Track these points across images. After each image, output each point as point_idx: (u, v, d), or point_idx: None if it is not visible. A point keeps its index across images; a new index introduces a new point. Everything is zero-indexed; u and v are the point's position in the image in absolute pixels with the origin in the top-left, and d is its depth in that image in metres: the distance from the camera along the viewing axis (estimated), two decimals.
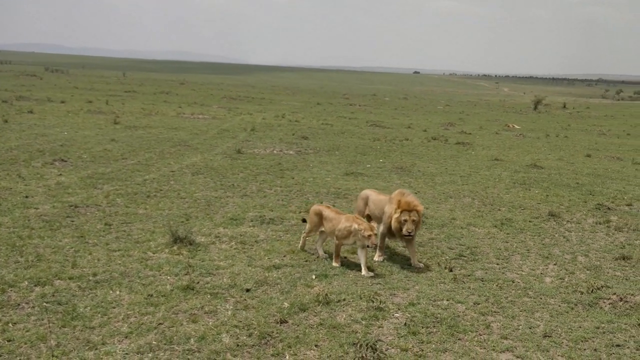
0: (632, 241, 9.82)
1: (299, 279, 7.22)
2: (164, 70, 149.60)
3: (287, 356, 5.31)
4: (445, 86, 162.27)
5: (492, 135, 28.35)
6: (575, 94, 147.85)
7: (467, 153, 20.54)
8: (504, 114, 49.02)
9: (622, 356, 5.62)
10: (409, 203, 7.99)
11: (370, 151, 19.43)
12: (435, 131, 27.98)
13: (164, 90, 51.06)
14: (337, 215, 8.05)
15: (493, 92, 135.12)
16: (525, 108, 61.04)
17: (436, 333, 5.94)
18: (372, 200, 8.89)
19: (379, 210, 8.58)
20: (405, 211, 7.91)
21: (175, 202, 10.83)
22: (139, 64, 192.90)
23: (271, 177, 13.83)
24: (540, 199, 13.00)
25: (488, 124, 36.44)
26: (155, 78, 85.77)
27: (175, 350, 5.30)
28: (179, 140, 19.19)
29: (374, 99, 62.84)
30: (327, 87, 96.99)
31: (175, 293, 6.57)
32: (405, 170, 15.76)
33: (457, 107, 56.75)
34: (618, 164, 19.89)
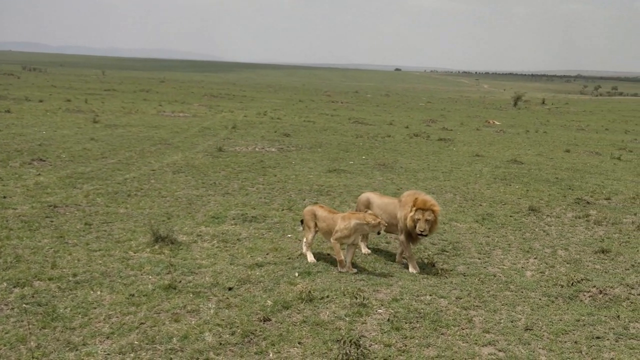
0: (611, 235, 9.95)
1: (282, 277, 7.20)
2: (144, 68, 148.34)
3: (270, 354, 5.29)
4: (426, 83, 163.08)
5: (473, 132, 28.55)
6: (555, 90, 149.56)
7: (449, 149, 20.67)
8: (484, 111, 49.41)
9: (602, 348, 5.69)
10: (425, 202, 7.75)
11: (352, 148, 19.45)
12: (417, 128, 28.11)
13: (144, 88, 50.63)
14: (331, 215, 7.82)
15: (473, 88, 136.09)
16: (505, 104, 61.58)
17: (419, 328, 5.97)
18: (377, 204, 8.49)
19: (387, 214, 8.19)
20: (420, 210, 7.67)
21: (156, 201, 10.75)
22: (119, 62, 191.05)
23: (253, 174, 13.79)
24: (520, 194, 13.12)
25: (469, 120, 36.70)
26: (135, 76, 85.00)
27: (158, 350, 5.25)
28: (160, 138, 19.04)
29: (356, 96, 62.95)
30: (309, 85, 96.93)
31: (157, 292, 6.51)
32: (388, 167, 15.80)
33: (439, 104, 57.07)
34: (597, 158, 20.15)
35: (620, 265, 8.29)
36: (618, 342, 5.84)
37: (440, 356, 5.38)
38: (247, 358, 5.20)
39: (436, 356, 5.38)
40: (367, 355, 5.24)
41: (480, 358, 5.39)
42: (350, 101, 51.66)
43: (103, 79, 70.03)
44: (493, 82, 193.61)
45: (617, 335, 5.99)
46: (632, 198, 12.87)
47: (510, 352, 5.52)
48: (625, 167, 18.36)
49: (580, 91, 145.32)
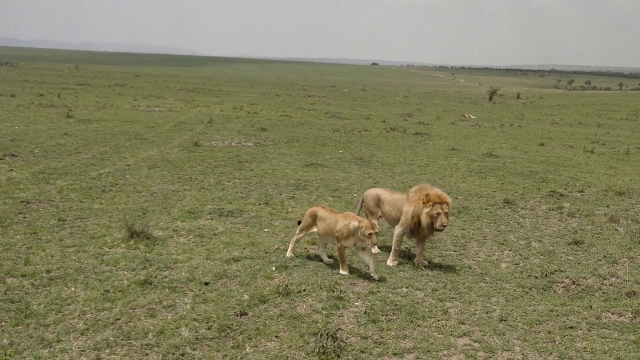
0: (584, 226, 10.12)
1: (259, 271, 7.18)
2: (118, 62, 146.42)
3: (247, 348, 5.28)
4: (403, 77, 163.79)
5: (449, 126, 28.76)
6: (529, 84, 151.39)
7: (425, 143, 20.79)
8: (460, 105, 49.82)
9: (575, 337, 5.79)
10: (440, 195, 7.65)
11: (329, 142, 19.46)
12: (394, 122, 28.21)
13: (119, 82, 49.96)
14: (332, 215, 7.55)
15: (449, 83, 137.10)
16: (480, 98, 62.16)
17: (396, 320, 6.00)
18: (387, 200, 8.31)
19: (397, 210, 8.06)
20: (437, 204, 7.56)
21: (131, 196, 10.63)
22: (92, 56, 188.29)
23: (229, 169, 13.71)
24: (495, 187, 13.26)
25: (445, 114, 36.97)
26: (109, 70, 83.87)
27: (133, 346, 5.20)
28: (135, 133, 18.82)
29: (333, 91, 62.95)
30: (285, 79, 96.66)
31: (133, 288, 6.45)
32: (365, 161, 15.85)
33: (415, 98, 57.38)
34: (570, 152, 20.46)
35: (593, 257, 8.44)
36: (590, 332, 5.94)
37: (417, 347, 5.42)
38: (223, 352, 5.18)
39: (412, 348, 5.42)
40: (344, 348, 5.26)
41: (456, 349, 5.45)
42: (327, 95, 51.65)
43: (76, 73, 68.91)
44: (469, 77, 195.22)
45: (590, 325, 6.10)
46: (605, 190, 13.10)
47: (485, 343, 5.58)
48: (598, 160, 18.67)
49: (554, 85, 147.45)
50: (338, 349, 5.16)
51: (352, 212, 7.71)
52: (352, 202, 11.00)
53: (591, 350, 5.50)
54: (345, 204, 10.88)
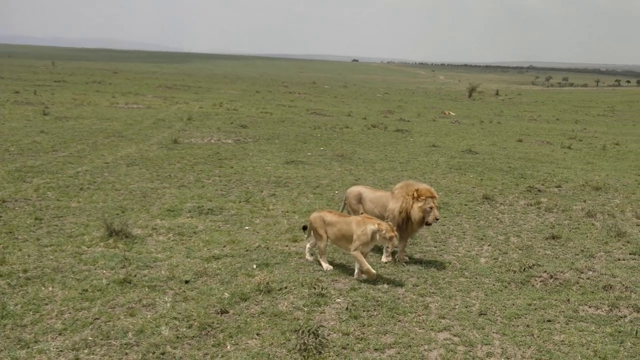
0: (561, 221, 10.25)
1: (240, 269, 7.15)
2: (95, 58, 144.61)
3: (228, 346, 5.26)
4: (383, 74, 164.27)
5: (429, 122, 28.94)
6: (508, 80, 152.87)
7: (406, 140, 20.89)
8: (440, 102, 50.14)
9: (552, 331, 5.86)
10: (430, 190, 7.75)
11: (310, 139, 19.45)
12: (375, 119, 28.30)
13: (96, 79, 49.39)
14: (342, 219, 7.33)
15: (430, 80, 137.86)
16: (460, 95, 62.62)
17: (377, 316, 6.03)
18: (369, 198, 8.30)
19: (380, 207, 8.07)
20: (429, 198, 7.66)
21: (109, 195, 10.51)
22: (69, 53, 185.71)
23: (209, 166, 13.63)
24: (475, 183, 13.37)
25: (425, 111, 37.17)
26: (86, 67, 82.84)
27: (113, 345, 5.15)
28: (113, 130, 18.62)
29: (314, 87, 62.92)
30: (266, 75, 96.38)
31: (112, 287, 6.39)
32: (346, 158, 15.87)
33: (396, 95, 57.60)
34: (548, 148, 20.71)
35: (570, 251, 8.55)
36: (568, 325, 6.02)
37: (397, 342, 5.45)
38: (204, 351, 5.15)
39: (393, 343, 5.44)
40: (326, 344, 5.26)
41: (437, 343, 5.49)
42: (307, 92, 51.61)
43: (53, 69, 67.98)
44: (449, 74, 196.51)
45: (567, 318, 6.18)
46: (582, 185, 13.28)
47: (465, 337, 5.63)
48: (575, 155, 18.93)
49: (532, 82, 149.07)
50: (319, 346, 5.17)
51: (366, 215, 7.48)
52: (334, 199, 11.01)
53: (569, 343, 5.58)
54: (326, 201, 10.89)
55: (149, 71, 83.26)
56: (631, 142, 23.71)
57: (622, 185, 13.62)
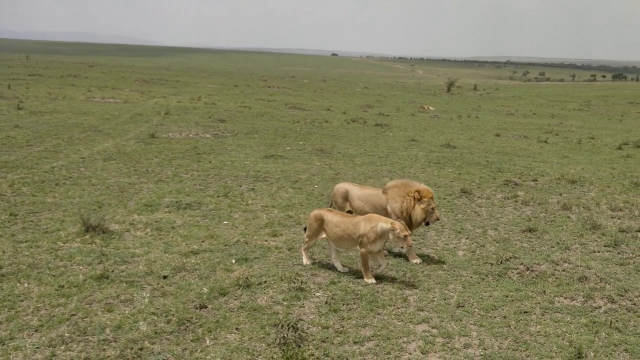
0: (537, 214, 10.38)
1: (218, 264, 7.12)
2: (71, 52, 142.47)
3: (207, 341, 5.24)
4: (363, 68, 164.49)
5: (409, 117, 29.06)
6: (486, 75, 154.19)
7: (385, 134, 20.95)
8: (419, 96, 50.38)
9: (529, 322, 5.94)
10: (429, 190, 7.72)
11: (290, 133, 19.41)
12: (354, 113, 28.33)
13: (72, 73, 48.66)
14: (347, 219, 7.07)
15: (409, 74, 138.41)
16: (439, 90, 62.99)
17: (356, 309, 6.05)
18: (357, 195, 8.11)
19: (370, 206, 7.90)
20: (430, 199, 7.65)
21: (86, 190, 10.38)
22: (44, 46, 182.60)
23: (187, 161, 13.54)
24: (453, 177, 13.47)
25: (404, 105, 37.32)
26: (61, 61, 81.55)
27: (90, 341, 5.10)
28: (89, 125, 18.37)
29: (293, 81, 62.78)
30: (244, 69, 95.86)
31: (89, 283, 6.32)
32: (326, 152, 15.87)
33: (375, 90, 57.73)
34: (525, 142, 20.95)
35: (546, 243, 8.67)
36: (544, 316, 6.11)
37: (377, 335, 5.48)
38: (183, 346, 5.13)
39: (372, 335, 5.47)
40: (305, 338, 5.27)
41: (415, 335, 5.53)
42: (286, 86, 51.48)
43: (27, 63, 66.77)
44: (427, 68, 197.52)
45: (543, 310, 6.27)
46: (558, 179, 13.46)
47: (443, 329, 5.68)
48: (551, 149, 19.18)
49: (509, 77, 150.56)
50: (299, 339, 5.17)
51: (376, 214, 7.21)
52: (313, 194, 11.01)
53: (545, 334, 5.66)
54: (306, 195, 10.89)
55: (125, 65, 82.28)
56: (606, 136, 24.10)
57: (597, 179, 13.84)
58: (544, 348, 5.38)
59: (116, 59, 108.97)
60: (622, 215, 10.43)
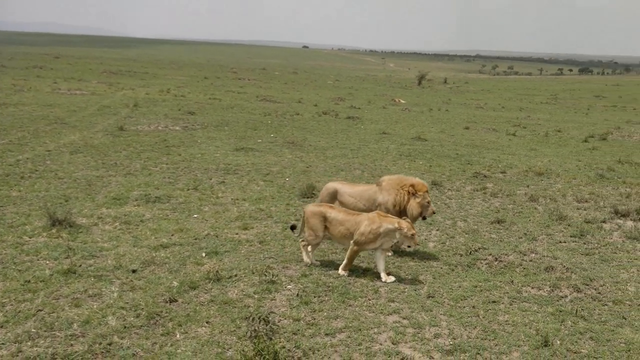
0: (505, 206, 10.54)
1: (189, 258, 7.06)
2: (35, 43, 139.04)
3: (177, 334, 5.19)
4: (334, 61, 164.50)
5: (380, 110, 29.17)
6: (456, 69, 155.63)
7: (357, 127, 21.00)
8: (390, 89, 50.60)
9: (497, 311, 6.04)
10: (424, 184, 7.67)
11: (261, 126, 19.31)
12: (326, 106, 28.32)
13: (37, 64, 47.48)
14: (351, 217, 6.91)
15: (380, 67, 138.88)
16: (410, 83, 63.34)
17: (328, 301, 6.07)
18: (348, 192, 7.95)
19: (365, 201, 7.78)
20: (425, 193, 7.62)
21: (52, 183, 10.18)
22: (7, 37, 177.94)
23: (156, 154, 13.36)
24: (424, 169, 13.59)
25: (376, 98, 37.45)
26: (26, 52, 79.50)
27: (57, 337, 5.01)
28: (55, 117, 17.99)
29: (264, 73, 62.41)
30: (214, 61, 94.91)
31: (56, 278, 6.20)
32: (297, 145, 15.84)
33: (346, 82, 57.78)
34: (493, 135, 21.23)
35: (514, 234, 8.81)
36: (512, 305, 6.22)
37: (348, 327, 5.50)
38: (153, 340, 5.07)
39: (344, 327, 5.50)
40: (276, 331, 5.26)
41: (386, 326, 5.57)
42: (257, 78, 51.17)
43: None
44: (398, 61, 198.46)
45: (511, 299, 6.38)
46: (525, 171, 13.68)
47: (414, 319, 5.74)
48: (519, 142, 19.48)
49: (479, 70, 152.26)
50: (270, 332, 5.16)
51: (380, 212, 7.06)
52: (285, 187, 10.99)
53: (513, 323, 5.76)
54: (277, 188, 10.85)
55: (92, 56, 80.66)
56: (572, 129, 24.57)
57: (563, 171, 14.11)
58: (512, 337, 5.48)
59: (83, 50, 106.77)
60: (587, 207, 10.66)
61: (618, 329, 5.73)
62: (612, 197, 11.45)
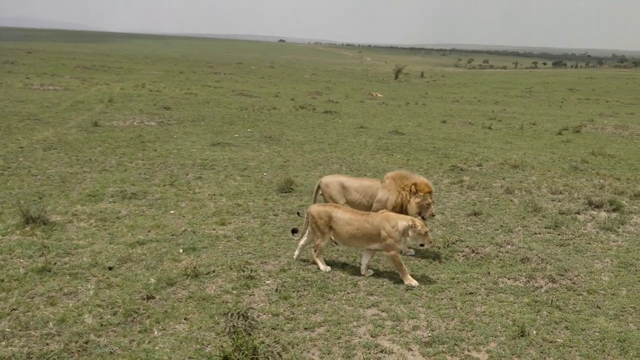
0: (482, 198, 10.64)
1: (166, 254, 7.00)
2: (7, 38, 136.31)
3: (155, 331, 5.15)
4: (311, 55, 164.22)
5: (357, 104, 29.21)
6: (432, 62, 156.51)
7: (334, 121, 21.00)
8: (367, 83, 50.70)
9: (474, 302, 6.11)
10: (428, 184, 7.49)
11: (237, 121, 19.20)
12: (303, 100, 28.26)
13: (8, 59, 46.53)
14: (360, 217, 6.70)
15: (357, 61, 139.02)
16: (387, 77, 63.56)
17: (307, 296, 6.07)
18: (354, 187, 7.79)
19: (369, 197, 7.64)
20: (427, 193, 7.44)
21: (25, 180, 10.00)
22: None
23: (132, 150, 13.21)
24: (402, 163, 13.65)
25: (353, 92, 37.48)
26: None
27: (32, 336, 4.94)
28: (28, 113, 17.66)
29: (240, 68, 62.06)
30: (189, 55, 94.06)
31: (30, 276, 6.10)
32: (274, 140, 15.78)
33: (324, 76, 57.73)
34: (470, 128, 21.40)
35: (491, 226, 8.91)
36: (489, 297, 6.29)
37: (327, 321, 5.51)
38: (130, 337, 5.02)
39: (323, 321, 5.50)
40: (255, 326, 5.25)
41: (365, 319, 5.59)
42: (233, 73, 50.85)
43: None
44: (375, 55, 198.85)
45: (488, 290, 6.45)
46: (501, 164, 13.83)
47: (393, 312, 5.77)
48: (495, 135, 19.67)
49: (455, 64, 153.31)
50: (249, 328, 5.15)
51: (392, 212, 6.91)
52: (262, 181, 10.95)
53: (490, 314, 5.83)
54: (254, 183, 10.81)
55: (65, 51, 79.32)
56: (547, 121, 24.89)
57: (538, 163, 14.29)
58: (489, 327, 5.54)
59: (55, 45, 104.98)
60: (562, 198, 10.81)
61: (592, 318, 5.84)
62: (586, 188, 11.64)
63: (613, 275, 7.08)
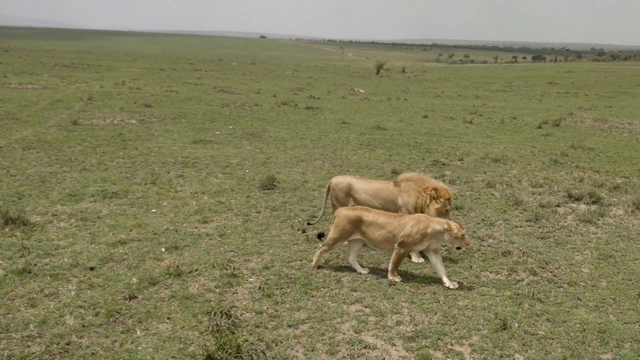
0: (464, 192, 10.72)
1: (148, 253, 6.95)
2: None
3: (138, 331, 5.11)
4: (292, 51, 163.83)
5: (339, 100, 29.21)
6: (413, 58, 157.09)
7: (316, 117, 20.98)
8: (349, 79, 50.72)
9: (457, 297, 6.16)
10: (448, 190, 7.36)
11: (219, 118, 19.10)
12: (285, 96, 28.19)
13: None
14: (394, 220, 6.64)
15: (338, 57, 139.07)
16: (368, 73, 63.63)
17: (290, 293, 6.07)
18: (364, 189, 7.63)
19: (381, 200, 7.49)
20: (447, 200, 7.29)
21: (4, 180, 9.86)
22: None
23: (112, 148, 13.08)
24: (384, 158, 13.69)
25: (335, 88, 37.48)
26: None
27: (13, 338, 4.88)
28: (5, 113, 17.40)
29: (221, 64, 61.73)
30: (170, 53, 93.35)
31: (10, 278, 6.03)
32: (256, 136, 15.73)
33: (305, 72, 57.63)
34: (451, 123, 21.52)
35: (472, 220, 8.98)
36: (471, 290, 6.35)
37: (311, 317, 5.52)
38: (113, 338, 4.99)
39: (307, 318, 5.51)
40: (239, 324, 5.24)
41: (349, 315, 5.61)
42: (214, 69, 50.56)
43: None
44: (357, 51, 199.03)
45: (470, 284, 6.51)
46: (482, 158, 13.93)
47: (376, 308, 5.80)
48: (476, 130, 19.80)
49: (436, 59, 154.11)
50: (232, 326, 5.13)
51: (424, 215, 6.82)
52: (245, 179, 10.91)
53: (472, 308, 5.88)
54: (237, 180, 10.77)
55: (44, 49, 78.26)
56: (527, 115, 25.10)
57: (518, 157, 14.43)
58: (472, 321, 5.59)
59: (34, 43, 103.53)
60: (542, 191, 10.93)
61: (573, 310, 5.92)
62: (566, 181, 11.78)
63: (593, 267, 7.18)
